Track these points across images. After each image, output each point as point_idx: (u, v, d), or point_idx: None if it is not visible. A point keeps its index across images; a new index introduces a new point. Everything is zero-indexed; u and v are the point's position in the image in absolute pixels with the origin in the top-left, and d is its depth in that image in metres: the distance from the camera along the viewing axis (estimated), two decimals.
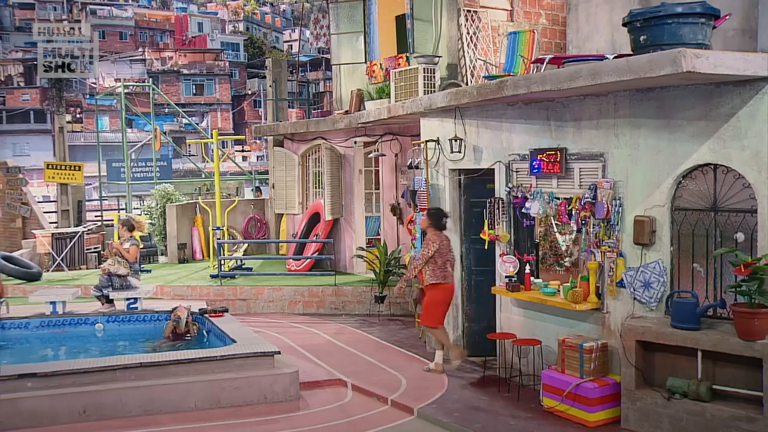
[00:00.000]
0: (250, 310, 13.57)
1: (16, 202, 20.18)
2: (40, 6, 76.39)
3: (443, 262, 9.14)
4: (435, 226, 9.26)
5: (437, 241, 9.11)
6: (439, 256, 9.10)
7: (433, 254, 9.05)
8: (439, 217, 9.34)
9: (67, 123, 22.02)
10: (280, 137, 17.11)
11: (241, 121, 62.97)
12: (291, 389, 8.50)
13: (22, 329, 11.13)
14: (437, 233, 9.22)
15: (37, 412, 7.67)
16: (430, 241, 9.12)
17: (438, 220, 9.29)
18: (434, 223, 9.27)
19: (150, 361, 8.42)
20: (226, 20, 79.56)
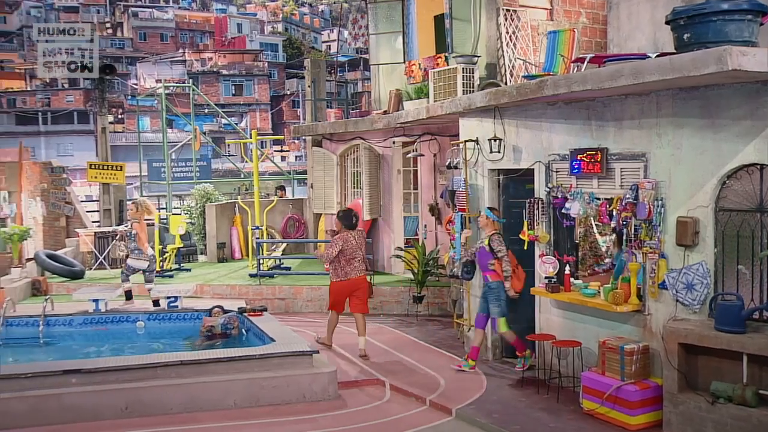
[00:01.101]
0: (288, 309, 13.64)
1: (60, 201, 20.50)
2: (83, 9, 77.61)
3: (347, 261, 10.26)
4: (346, 226, 10.38)
5: (340, 243, 10.23)
6: (343, 255, 10.24)
7: (337, 255, 10.20)
8: (349, 218, 10.51)
9: (109, 124, 22.31)
10: (319, 137, 17.17)
11: (279, 122, 63.37)
12: (329, 389, 8.52)
13: (66, 326, 11.30)
14: (343, 234, 10.34)
15: (80, 407, 7.79)
16: (334, 243, 10.29)
17: (348, 221, 10.45)
18: (345, 224, 10.40)
19: (190, 359, 8.51)
20: (265, 21, 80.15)
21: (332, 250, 10.25)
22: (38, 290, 15.05)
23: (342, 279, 10.35)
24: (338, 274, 10.35)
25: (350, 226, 10.43)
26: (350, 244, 10.29)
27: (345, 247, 10.25)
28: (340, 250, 10.22)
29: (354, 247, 10.34)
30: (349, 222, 10.46)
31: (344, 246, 10.25)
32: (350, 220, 10.48)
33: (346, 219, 10.49)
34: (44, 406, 7.72)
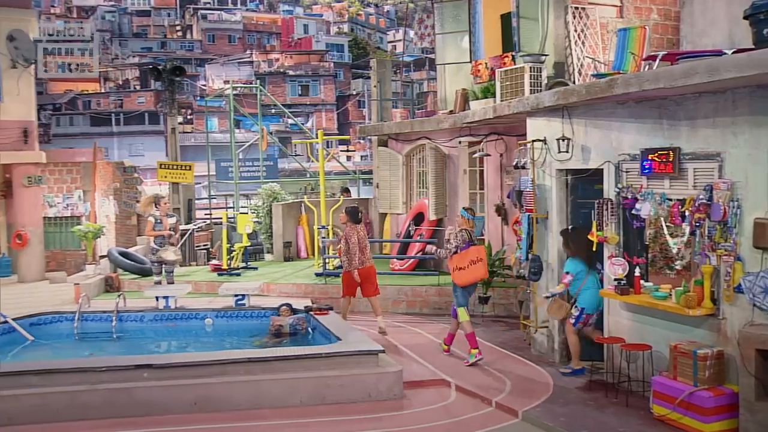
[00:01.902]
0: (353, 308, 13.66)
1: (132, 200, 21.02)
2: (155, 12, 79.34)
3: (361, 250, 11.45)
4: (354, 221, 11.58)
5: (354, 234, 11.45)
6: (357, 245, 11.39)
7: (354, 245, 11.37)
8: (355, 213, 11.70)
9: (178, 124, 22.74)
10: (385, 137, 17.21)
11: (345, 121, 63.70)
12: (395, 388, 8.53)
13: (137, 322, 11.58)
14: (353, 227, 11.52)
15: (151, 401, 7.96)
16: (350, 235, 11.42)
17: (354, 216, 11.63)
18: (353, 219, 11.59)
19: (258, 356, 8.62)
20: (331, 22, 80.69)
21: (352, 241, 11.41)
22: (111, 286, 15.47)
23: (360, 266, 11.45)
24: (348, 263, 11.49)
25: (357, 220, 11.65)
26: (361, 235, 11.51)
27: (358, 237, 11.45)
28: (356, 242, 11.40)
29: (363, 237, 11.58)
30: (356, 217, 11.66)
31: (357, 237, 11.44)
32: (357, 216, 11.68)
33: (353, 215, 11.65)
34: (117, 399, 7.92)
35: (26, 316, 11.36)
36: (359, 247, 11.47)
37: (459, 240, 10.17)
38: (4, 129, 18.43)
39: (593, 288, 9.20)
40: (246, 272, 16.13)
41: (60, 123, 60.76)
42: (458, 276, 10.15)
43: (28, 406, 7.74)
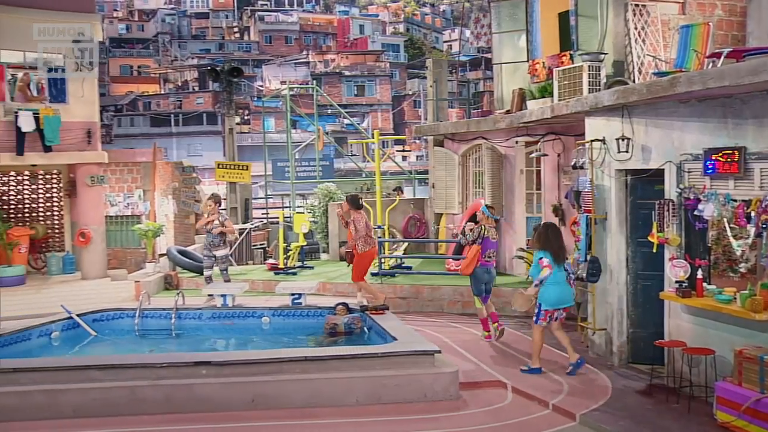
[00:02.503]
0: (409, 308, 13.70)
1: (190, 199, 21.34)
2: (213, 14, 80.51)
3: (368, 234, 12.24)
4: (355, 207, 12.37)
5: (363, 219, 12.26)
6: (366, 229, 12.19)
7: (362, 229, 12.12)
8: (356, 200, 12.60)
9: (236, 125, 23.03)
10: (441, 137, 17.17)
11: (400, 121, 63.78)
12: (451, 389, 8.50)
13: (195, 319, 11.75)
14: (359, 212, 12.29)
15: (210, 398, 8.07)
16: (360, 219, 12.19)
17: (356, 203, 12.49)
18: (354, 206, 12.38)
19: (314, 355, 8.67)
20: (387, 22, 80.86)
21: (360, 225, 12.17)
22: (170, 284, 15.74)
23: (370, 247, 12.34)
24: (366, 244, 12.24)
25: (359, 206, 12.47)
26: (366, 219, 12.38)
27: (366, 222, 12.36)
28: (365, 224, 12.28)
29: (368, 222, 12.50)
30: (357, 203, 12.51)
31: (366, 221, 12.35)
32: (358, 202, 12.57)
33: (355, 202, 12.54)
34: (177, 395, 8.05)
35: (89, 312, 11.64)
36: (367, 230, 12.26)
37: (475, 234, 11.08)
38: (69, 130, 18.89)
39: (554, 284, 9.34)
40: (302, 271, 16.26)
41: (121, 124, 62.10)
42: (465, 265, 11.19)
43: (91, 400, 7.93)
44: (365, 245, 12.24)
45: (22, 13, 18.14)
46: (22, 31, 18.17)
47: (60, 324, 11.03)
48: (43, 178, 20.12)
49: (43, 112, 18.22)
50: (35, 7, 18.41)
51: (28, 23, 18.04)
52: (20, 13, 18.13)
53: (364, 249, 12.24)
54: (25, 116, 17.92)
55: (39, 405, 7.88)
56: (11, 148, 18.04)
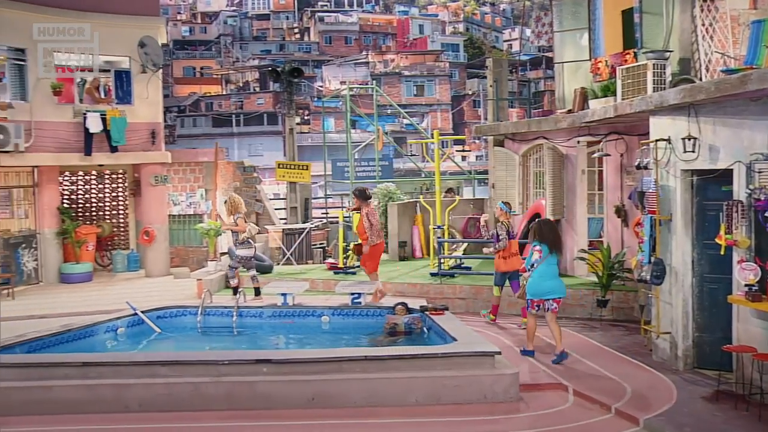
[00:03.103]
0: (468, 309, 13.64)
1: (251, 199, 21.60)
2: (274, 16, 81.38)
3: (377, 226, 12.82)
4: (364, 200, 12.94)
5: (375, 212, 13.03)
6: (376, 222, 12.78)
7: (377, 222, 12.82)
8: (365, 192, 13.15)
9: (296, 125, 23.23)
10: (501, 137, 17.04)
11: (460, 121, 63.56)
12: (511, 390, 8.42)
13: (256, 318, 11.89)
14: (369, 205, 12.94)
15: (270, 395, 8.15)
16: (372, 212, 12.83)
17: (365, 195, 13.07)
18: (364, 199, 12.97)
19: (374, 354, 8.68)
20: (447, 21, 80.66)
21: (375, 218, 12.83)
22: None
23: (380, 240, 12.88)
24: (377, 237, 12.75)
25: (367, 198, 13.07)
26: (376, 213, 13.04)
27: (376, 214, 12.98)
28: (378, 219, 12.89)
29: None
30: (366, 196, 13.08)
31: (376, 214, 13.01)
32: (366, 194, 13.11)
33: (363, 194, 13.06)
34: (238, 392, 8.15)
35: (153, 309, 11.88)
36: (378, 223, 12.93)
37: (504, 232, 11.92)
38: (134, 131, 19.31)
39: (539, 276, 10.06)
40: (361, 271, 16.29)
41: (184, 124, 63.25)
42: (503, 264, 12.12)
43: (155, 395, 8.08)
44: (377, 238, 12.80)
45: (90, 18, 18.61)
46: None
47: (125, 320, 11.28)
48: (109, 177, 20.61)
49: (110, 114, 18.66)
50: (101, 11, 18.89)
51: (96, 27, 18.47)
52: (87, 18, 18.59)
53: (377, 242, 12.79)
54: (93, 117, 18.38)
55: (106, 398, 8.07)
56: (80, 149, 18.53)
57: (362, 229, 12.85)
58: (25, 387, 8.16)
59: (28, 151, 17.66)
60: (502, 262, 12.13)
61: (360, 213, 13.11)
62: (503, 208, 12.30)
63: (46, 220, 18.80)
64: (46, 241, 18.69)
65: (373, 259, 13.04)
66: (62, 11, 18.33)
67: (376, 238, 12.78)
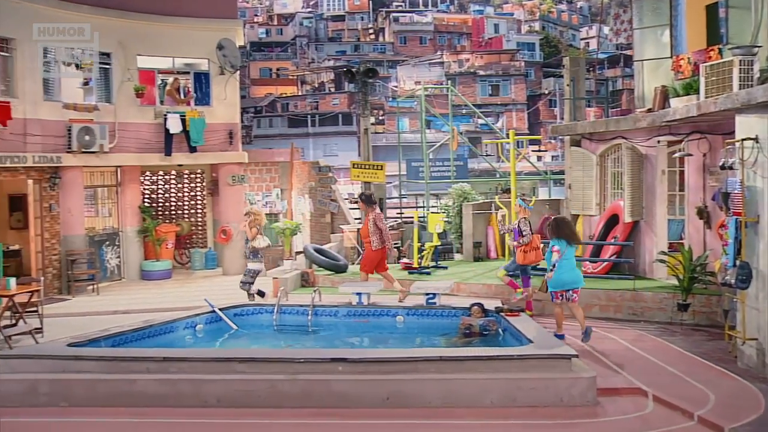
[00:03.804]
0: (543, 311, 13.43)
1: (326, 198, 21.79)
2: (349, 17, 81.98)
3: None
4: (369, 205, 13.20)
5: (382, 216, 13.36)
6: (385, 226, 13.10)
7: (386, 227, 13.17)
8: (370, 197, 13.65)
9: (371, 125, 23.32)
10: (578, 137, 16.76)
11: (535, 121, 62.87)
12: (588, 394, 8.27)
13: (331, 317, 11.98)
14: (374, 209, 13.13)
15: (346, 394, 8.19)
16: (380, 217, 13.14)
17: (370, 200, 13.42)
18: (370, 203, 13.27)
19: (450, 355, 8.65)
20: (522, 20, 79.89)
21: (383, 223, 13.20)
22: (307, 281, 16.12)
23: (384, 244, 13.03)
24: (380, 242, 13.00)
25: (372, 202, 13.33)
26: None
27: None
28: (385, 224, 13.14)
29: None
30: (371, 201, 13.37)
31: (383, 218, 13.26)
32: (371, 199, 13.44)
33: (368, 200, 13.38)
34: (314, 390, 8.22)
35: (231, 307, 12.08)
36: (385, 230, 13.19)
37: (528, 227, 12.42)
38: (213, 131, 19.72)
39: (559, 270, 10.74)
40: (436, 271, 16.27)
41: (260, 125, 64.23)
42: (523, 257, 12.48)
43: (233, 391, 8.22)
44: (380, 242, 13.03)
45: (171, 21, 19.12)
46: (171, 38, 19.15)
47: (204, 317, 11.52)
48: (188, 177, 21.08)
49: (189, 115, 19.10)
50: (182, 15, 19.36)
51: (176, 31, 19.03)
52: (169, 22, 19.12)
53: (379, 246, 13.05)
54: (173, 118, 18.85)
55: (185, 393, 8.24)
56: (160, 149, 19.01)
57: (366, 232, 13.22)
58: (110, 379, 8.41)
59: (112, 151, 18.23)
60: (522, 255, 12.50)
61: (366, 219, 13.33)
62: (521, 204, 12.97)
63: (128, 218, 19.35)
64: (128, 239, 19.24)
65: (371, 262, 13.34)
66: (145, 16, 18.88)
67: (378, 243, 13.04)
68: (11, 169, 16.63)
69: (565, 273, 10.79)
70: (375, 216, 13.10)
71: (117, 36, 18.37)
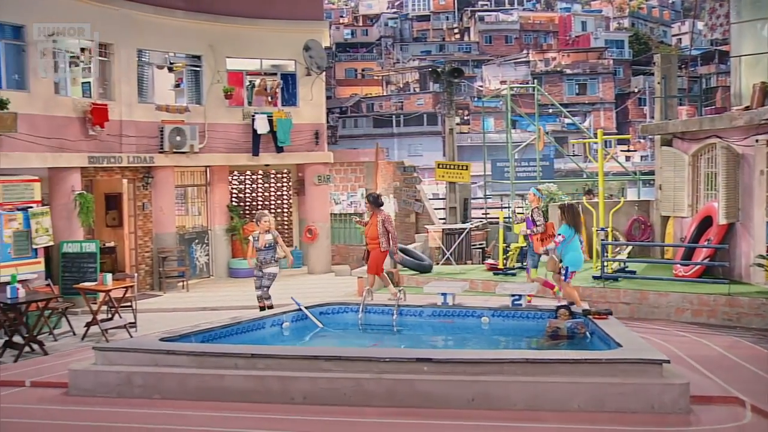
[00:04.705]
0: (633, 314, 13.15)
1: (411, 198, 21.82)
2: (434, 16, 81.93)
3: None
4: (377, 207, 13.21)
5: (391, 219, 13.46)
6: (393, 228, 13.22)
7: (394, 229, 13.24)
8: (378, 199, 13.44)
9: (455, 125, 23.24)
10: (669, 136, 16.32)
11: (624, 120, 61.51)
12: (680, 402, 8.00)
13: (416, 316, 11.93)
14: (382, 212, 13.16)
15: (431, 394, 8.15)
16: (389, 219, 13.19)
17: (378, 202, 13.33)
18: (378, 205, 13.27)
19: (536, 357, 8.51)
20: (611, 17, 78.26)
21: (393, 225, 13.32)
22: (391, 281, 16.10)
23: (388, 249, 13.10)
24: (388, 243, 13.03)
25: (380, 204, 13.35)
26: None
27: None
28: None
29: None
30: (379, 202, 13.36)
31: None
32: (379, 201, 13.40)
33: (376, 201, 13.31)
34: (399, 389, 8.21)
35: (316, 305, 12.20)
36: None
37: (541, 217, 12.89)
38: (299, 132, 19.99)
39: (576, 251, 11.82)
40: (521, 272, 16.08)
41: (346, 125, 64.76)
42: (540, 246, 12.82)
43: (319, 388, 8.28)
44: (388, 244, 13.11)
45: (259, 23, 19.50)
46: (259, 40, 19.53)
47: (290, 315, 11.66)
48: (274, 177, 21.44)
49: (277, 115, 19.41)
50: (270, 17, 19.71)
51: (264, 33, 19.39)
52: (257, 24, 19.50)
53: (388, 247, 13.16)
54: (260, 119, 19.20)
55: (272, 389, 8.35)
56: (248, 149, 19.40)
57: (375, 234, 13.12)
58: (200, 374, 8.60)
59: (201, 151, 18.70)
60: (539, 244, 12.89)
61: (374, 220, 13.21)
62: (536, 194, 13.41)
63: (217, 217, 19.81)
64: (217, 238, 19.70)
65: (380, 263, 13.39)
66: (235, 19, 19.31)
67: (386, 245, 13.11)
68: (108, 169, 17.24)
69: (579, 254, 11.98)
70: (384, 218, 13.14)
71: (207, 39, 18.84)
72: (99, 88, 17.18)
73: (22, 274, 13.33)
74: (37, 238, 14.44)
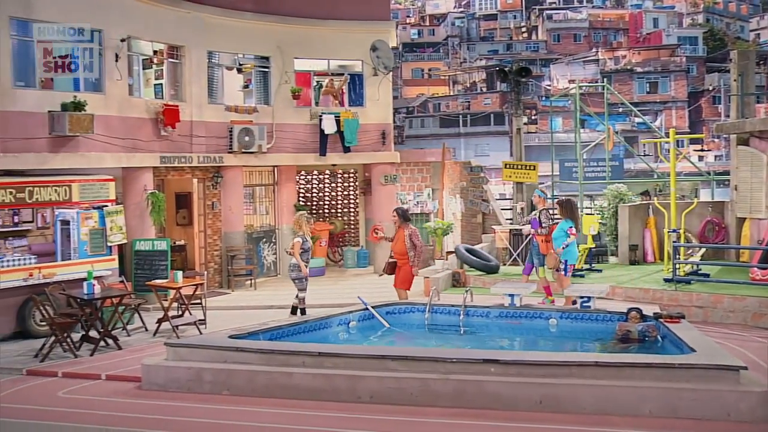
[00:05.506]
0: (706, 318, 12.81)
1: (478, 198, 21.67)
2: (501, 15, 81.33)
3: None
4: (405, 221, 13.21)
5: (418, 233, 13.25)
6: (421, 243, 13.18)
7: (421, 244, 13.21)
8: (406, 213, 13.56)
9: (523, 124, 23.00)
10: (746, 135, 15.85)
11: (697, 119, 60.06)
12: (758, 410, 7.74)
13: (483, 317, 11.84)
14: (409, 226, 13.14)
15: (498, 395, 8.08)
16: (416, 234, 13.08)
17: (406, 216, 13.38)
18: (406, 218, 13.30)
19: (606, 360, 8.37)
20: (684, 13, 76.44)
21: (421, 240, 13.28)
22: (458, 281, 16.09)
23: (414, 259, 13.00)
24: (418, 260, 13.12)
25: (408, 218, 13.37)
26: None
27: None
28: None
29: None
30: (407, 216, 13.40)
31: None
32: (407, 215, 13.49)
33: (405, 216, 13.35)
34: (466, 390, 8.16)
35: (383, 305, 12.22)
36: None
37: (547, 219, 13.25)
38: (366, 132, 20.07)
39: (573, 245, 12.77)
40: (590, 274, 15.85)
41: (412, 125, 64.79)
42: (545, 246, 13.19)
43: (385, 388, 8.29)
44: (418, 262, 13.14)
45: (326, 24, 19.66)
46: (326, 41, 19.68)
47: (357, 314, 11.70)
48: (341, 176, 21.58)
49: (344, 115, 19.53)
50: (337, 18, 19.85)
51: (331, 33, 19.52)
52: (324, 25, 19.66)
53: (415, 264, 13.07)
54: (328, 119, 19.33)
55: (340, 388, 8.40)
56: (315, 149, 19.57)
57: (403, 249, 13.02)
58: (268, 371, 8.70)
59: (269, 151, 18.94)
60: (545, 245, 13.23)
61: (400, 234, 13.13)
62: (541, 195, 13.80)
63: (284, 216, 20.02)
64: (284, 237, 19.91)
65: (410, 278, 13.31)
66: (302, 20, 19.50)
67: (417, 262, 13.13)
68: (179, 168, 17.59)
69: (576, 248, 12.98)
70: (411, 232, 13.07)
71: (275, 40, 19.06)
72: (170, 89, 17.55)
73: (98, 271, 13.68)
74: (112, 236, 14.82)
